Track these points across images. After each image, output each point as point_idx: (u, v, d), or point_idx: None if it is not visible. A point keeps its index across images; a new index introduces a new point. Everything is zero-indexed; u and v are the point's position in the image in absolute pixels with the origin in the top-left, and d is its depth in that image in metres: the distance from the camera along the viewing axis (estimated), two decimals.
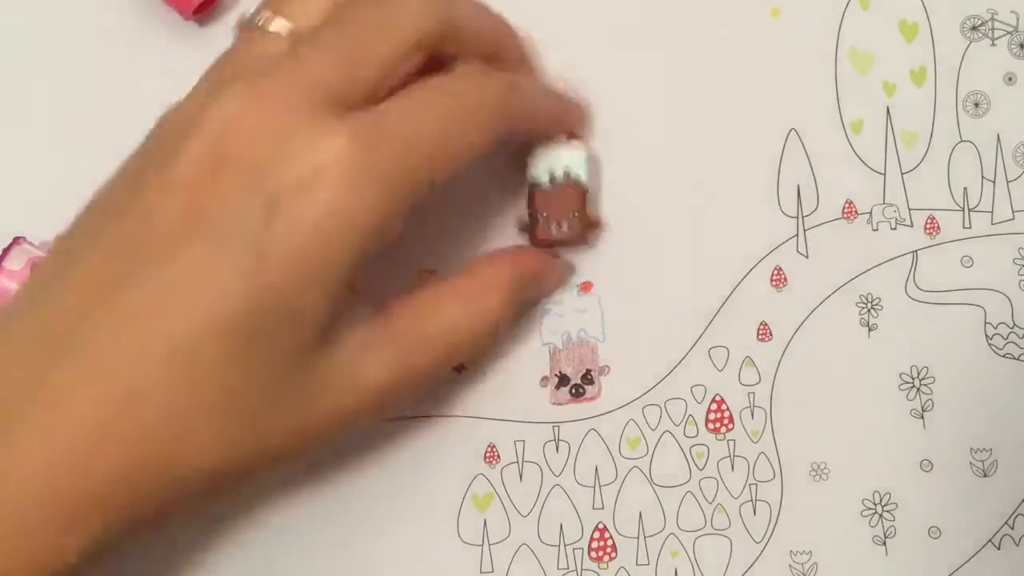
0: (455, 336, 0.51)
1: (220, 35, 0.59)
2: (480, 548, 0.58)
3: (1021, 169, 0.61)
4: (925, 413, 0.60)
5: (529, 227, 0.57)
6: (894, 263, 0.60)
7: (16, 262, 0.55)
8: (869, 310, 0.60)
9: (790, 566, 0.59)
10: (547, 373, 0.59)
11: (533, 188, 0.57)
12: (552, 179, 0.56)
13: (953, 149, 0.61)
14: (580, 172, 0.57)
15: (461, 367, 0.58)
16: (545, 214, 0.56)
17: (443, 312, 0.51)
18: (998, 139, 0.61)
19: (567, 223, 0.56)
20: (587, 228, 0.57)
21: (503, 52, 0.53)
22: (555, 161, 0.56)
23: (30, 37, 0.59)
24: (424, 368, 0.50)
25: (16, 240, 0.55)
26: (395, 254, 0.60)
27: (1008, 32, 0.62)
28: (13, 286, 0.54)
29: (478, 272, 0.53)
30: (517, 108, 0.50)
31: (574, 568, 0.58)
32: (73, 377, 0.40)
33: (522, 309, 0.56)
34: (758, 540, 0.59)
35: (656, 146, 0.60)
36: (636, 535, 0.59)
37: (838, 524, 0.59)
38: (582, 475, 0.59)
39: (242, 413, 0.41)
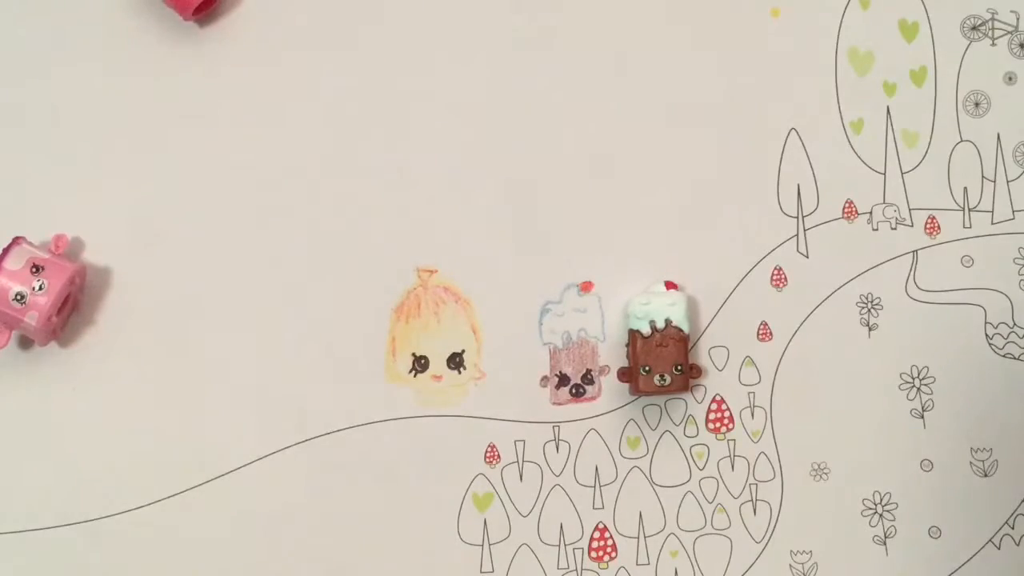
0: None
1: (220, 35, 0.59)
2: (480, 548, 0.58)
3: (1021, 169, 0.61)
4: (925, 413, 0.60)
5: (630, 375, 0.57)
6: (894, 263, 0.60)
7: (16, 262, 0.55)
8: (869, 310, 0.60)
9: (790, 566, 0.59)
10: (547, 373, 0.59)
11: (634, 335, 0.57)
12: (653, 328, 0.57)
13: (953, 149, 0.61)
14: (682, 321, 0.57)
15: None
16: (648, 368, 0.56)
17: None
18: (998, 139, 0.61)
19: (670, 376, 0.56)
20: (689, 378, 0.57)
21: None
22: (656, 312, 0.57)
23: (30, 37, 0.59)
24: None
25: (16, 240, 0.55)
26: (395, 254, 0.60)
27: (1008, 32, 0.62)
28: (13, 286, 0.54)
29: None
30: None
31: (574, 568, 0.58)
32: None
33: None
34: (758, 540, 0.59)
35: (656, 146, 0.60)
36: (636, 535, 0.59)
37: (838, 524, 0.59)
38: (582, 475, 0.59)
39: None
